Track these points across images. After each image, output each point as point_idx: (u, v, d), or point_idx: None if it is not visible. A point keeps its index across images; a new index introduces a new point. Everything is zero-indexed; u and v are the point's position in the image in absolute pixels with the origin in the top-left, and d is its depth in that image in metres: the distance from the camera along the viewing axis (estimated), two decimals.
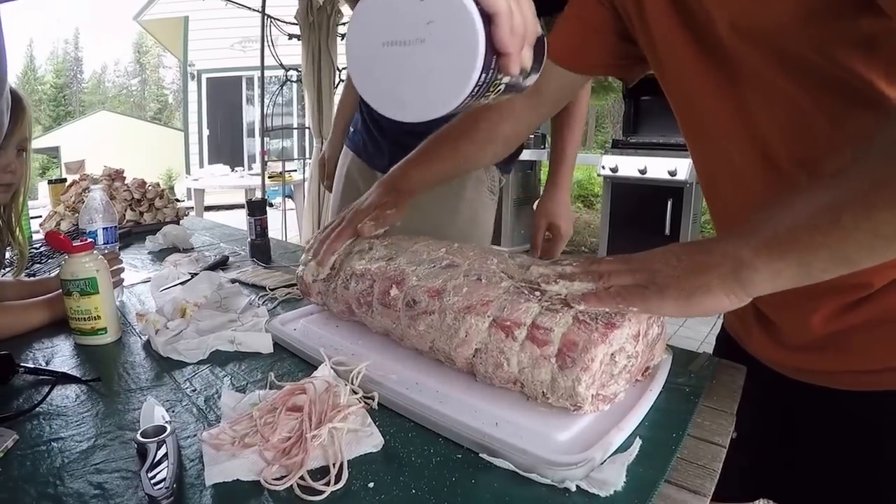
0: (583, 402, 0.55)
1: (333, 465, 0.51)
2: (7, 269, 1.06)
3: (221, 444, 0.53)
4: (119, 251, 1.19)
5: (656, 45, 0.66)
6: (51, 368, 0.74)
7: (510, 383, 0.60)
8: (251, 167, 7.34)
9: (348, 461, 0.52)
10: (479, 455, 0.54)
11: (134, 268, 1.24)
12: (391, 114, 0.50)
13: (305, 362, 0.75)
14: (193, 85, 8.97)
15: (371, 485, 0.50)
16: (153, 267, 1.26)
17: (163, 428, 0.55)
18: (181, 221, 1.70)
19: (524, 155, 3.69)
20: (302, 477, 0.50)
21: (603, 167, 3.91)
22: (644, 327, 0.58)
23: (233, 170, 6.24)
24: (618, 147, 4.08)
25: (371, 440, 0.55)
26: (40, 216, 1.73)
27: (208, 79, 8.89)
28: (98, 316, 0.82)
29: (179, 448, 0.55)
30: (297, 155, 6.35)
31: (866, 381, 0.61)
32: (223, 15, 7.28)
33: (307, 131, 4.47)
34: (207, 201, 5.57)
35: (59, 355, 0.79)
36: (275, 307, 0.98)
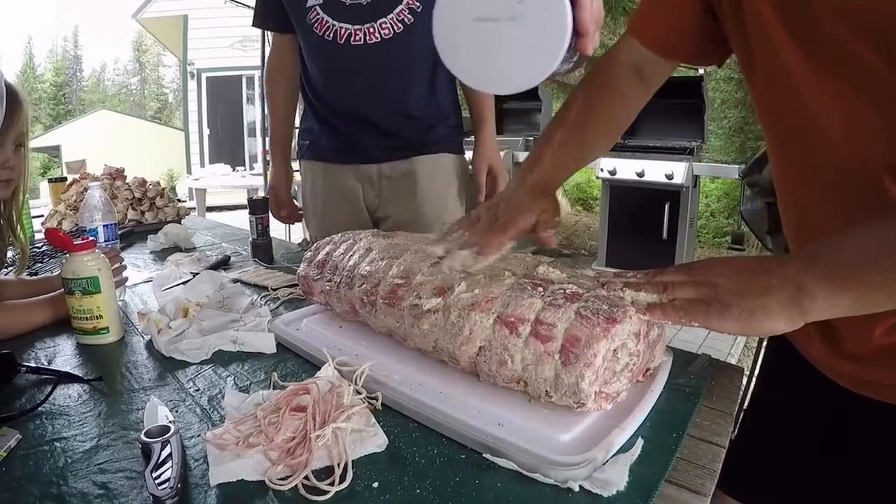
0: (586, 399, 0.55)
1: (338, 465, 0.51)
2: (9, 268, 1.05)
3: (226, 444, 0.53)
4: (120, 250, 1.19)
5: (747, 30, 0.60)
6: (53, 368, 0.74)
7: (513, 382, 0.60)
8: (252, 167, 7.30)
9: (353, 461, 0.52)
10: (483, 455, 0.54)
11: (136, 267, 1.24)
12: (480, 86, 0.54)
13: (308, 362, 0.75)
14: (193, 84, 8.94)
15: (375, 485, 0.50)
16: (155, 266, 1.26)
17: (167, 428, 0.55)
18: (182, 221, 1.70)
19: None
20: (306, 477, 0.50)
21: (602, 169, 3.91)
22: (645, 327, 0.59)
23: (234, 169, 6.22)
24: (616, 149, 4.08)
25: (375, 440, 0.56)
26: (42, 215, 1.73)
27: (208, 78, 8.86)
28: (100, 315, 0.82)
29: (184, 448, 0.55)
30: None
31: None
32: (223, 14, 7.28)
33: None
34: (209, 202, 5.54)
35: (61, 355, 0.80)
36: (277, 307, 0.98)
